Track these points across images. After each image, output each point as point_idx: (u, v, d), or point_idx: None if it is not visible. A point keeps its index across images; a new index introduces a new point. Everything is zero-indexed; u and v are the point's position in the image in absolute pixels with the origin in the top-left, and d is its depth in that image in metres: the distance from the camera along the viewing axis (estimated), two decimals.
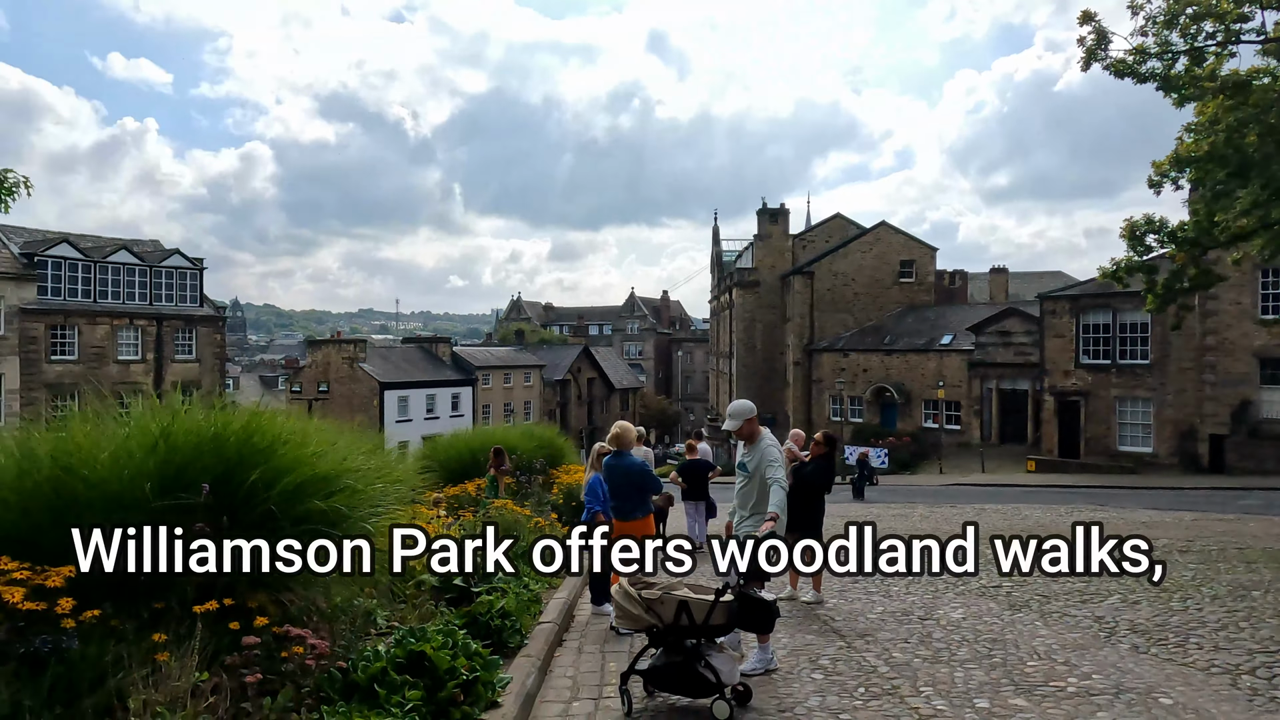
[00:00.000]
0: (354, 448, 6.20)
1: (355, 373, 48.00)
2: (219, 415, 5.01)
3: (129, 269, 36.67)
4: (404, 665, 4.43)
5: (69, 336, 34.60)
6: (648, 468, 6.91)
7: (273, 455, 4.82)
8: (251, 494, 4.66)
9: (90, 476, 4.40)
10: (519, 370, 57.33)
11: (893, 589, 8.68)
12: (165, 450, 4.62)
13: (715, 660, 5.03)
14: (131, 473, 4.46)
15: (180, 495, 4.41)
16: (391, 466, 7.97)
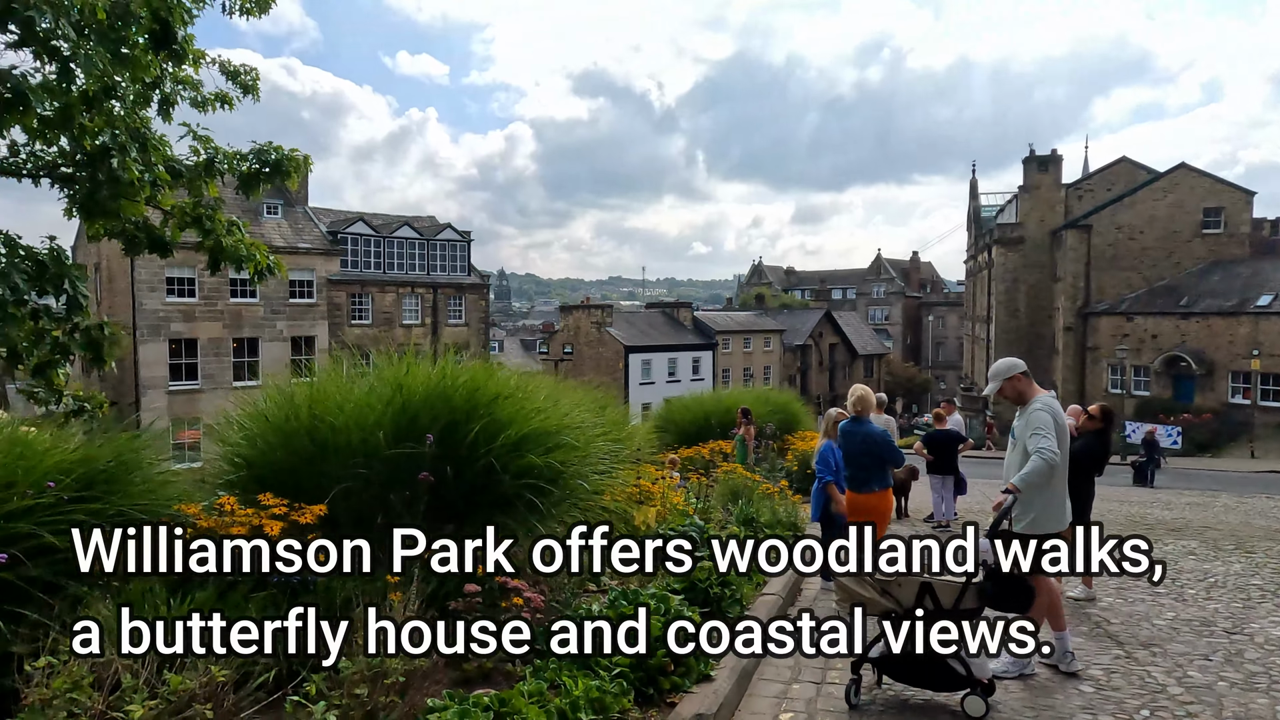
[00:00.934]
0: (579, 405, 6.24)
1: (602, 336, 50.35)
2: (447, 369, 5.18)
3: (410, 242, 41.02)
4: (616, 627, 4.31)
5: (364, 303, 39.53)
6: (889, 436, 6.29)
7: (495, 408, 4.89)
8: (474, 446, 4.77)
9: (336, 424, 4.72)
10: (759, 335, 56.97)
11: (1187, 592, 7.31)
12: (399, 403, 4.85)
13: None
14: (370, 422, 4.72)
15: (408, 445, 4.61)
16: (618, 425, 8.05)
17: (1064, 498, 5.01)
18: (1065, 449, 4.92)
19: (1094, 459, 6.82)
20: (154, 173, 7.44)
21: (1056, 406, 5.05)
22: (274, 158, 8.90)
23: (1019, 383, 5.12)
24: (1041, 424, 4.86)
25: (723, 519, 9.14)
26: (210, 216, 8.50)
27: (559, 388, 6.94)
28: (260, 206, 37.75)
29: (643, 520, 7.23)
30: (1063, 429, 4.99)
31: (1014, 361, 5.23)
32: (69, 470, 3.76)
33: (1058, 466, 4.80)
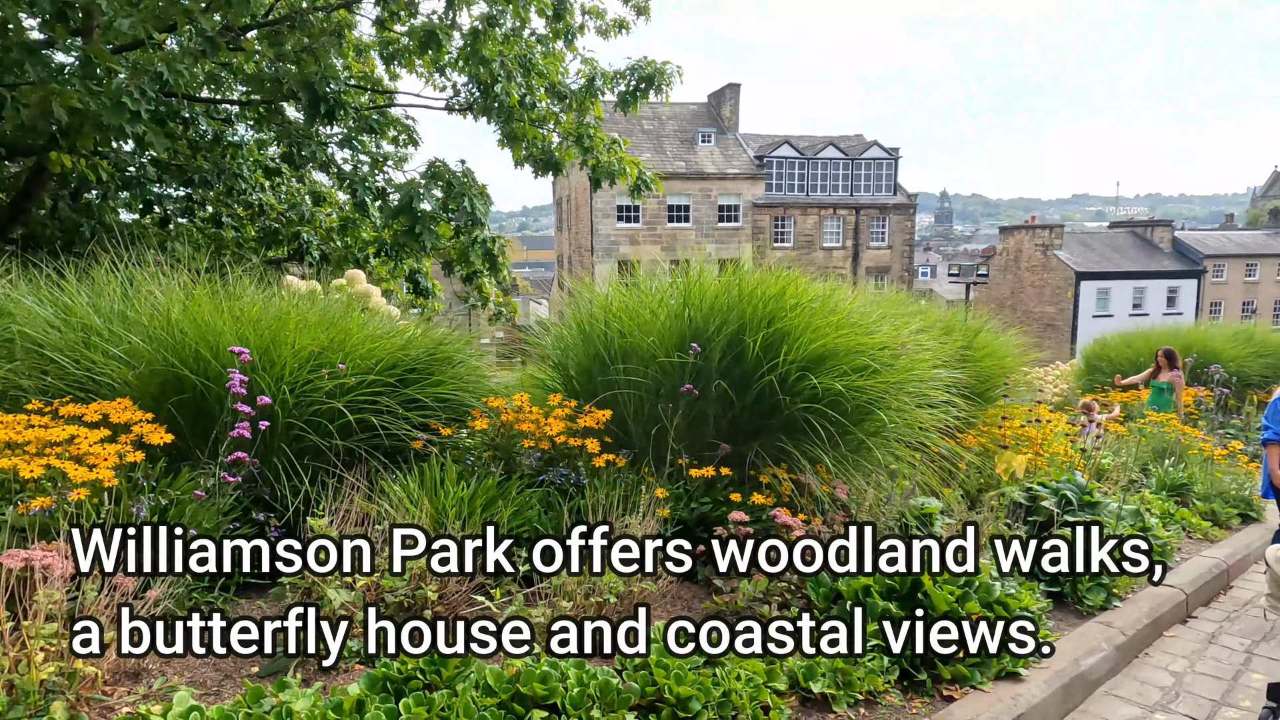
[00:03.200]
0: (909, 323, 5.31)
1: (1048, 261, 44.30)
2: (734, 276, 4.68)
3: (834, 163, 40.22)
4: (897, 592, 3.55)
5: (787, 226, 40.08)
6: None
7: (782, 321, 4.30)
8: (758, 362, 4.26)
9: (625, 330, 4.58)
10: (1270, 260, 44.97)
11: None
12: (685, 314, 4.52)
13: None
14: (657, 333, 4.49)
15: (683, 355, 4.29)
16: (989, 352, 6.76)
17: None
18: None
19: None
20: (535, 96, 8.00)
21: None
22: (648, 72, 9.05)
23: None
24: None
25: (1138, 481, 7.27)
26: (590, 135, 8.97)
27: (897, 305, 6.01)
28: (695, 135, 40.16)
29: (1005, 468, 6.00)
30: None
31: None
32: (381, 358, 4.17)
33: None
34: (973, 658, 3.35)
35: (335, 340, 4.07)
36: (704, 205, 38.89)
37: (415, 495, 3.78)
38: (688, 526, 4.18)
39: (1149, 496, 6.60)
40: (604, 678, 2.77)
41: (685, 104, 43.27)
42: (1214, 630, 4.52)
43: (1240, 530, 6.39)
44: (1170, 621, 4.50)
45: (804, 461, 4.24)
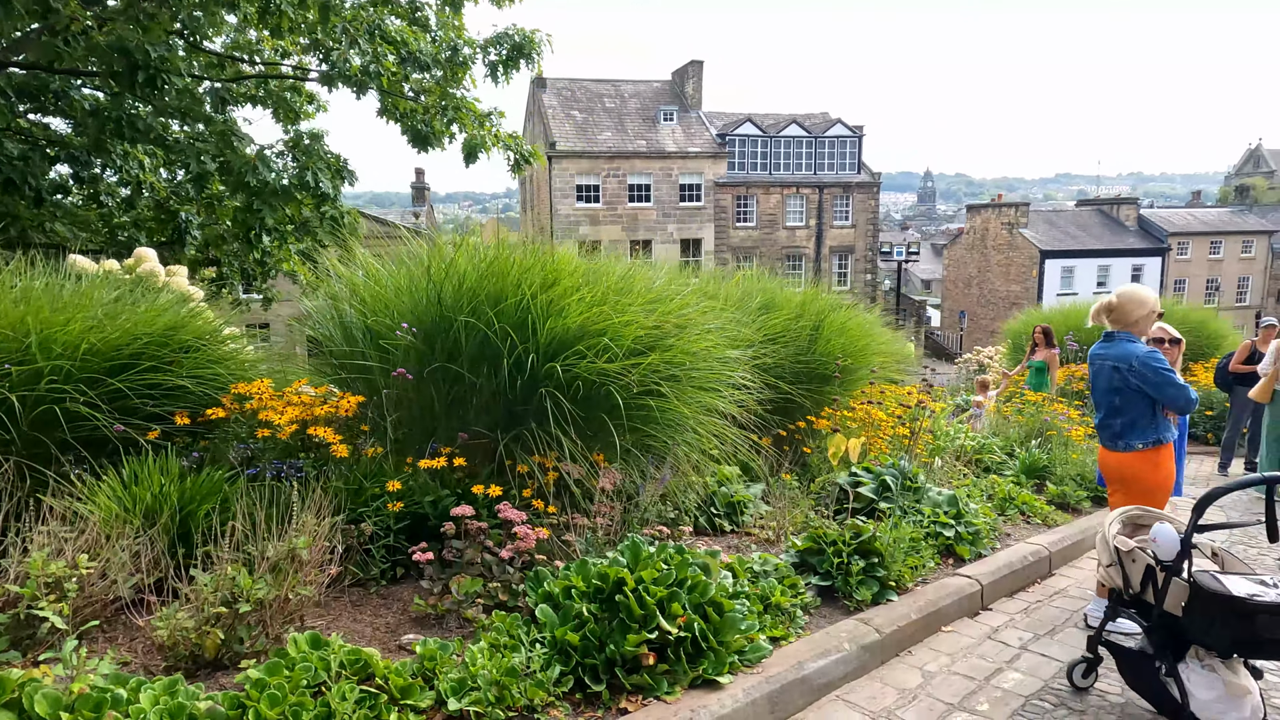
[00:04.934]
0: (706, 300, 5.01)
1: (1014, 239, 44.18)
2: (493, 252, 4.34)
3: (797, 141, 39.80)
4: (602, 592, 3.25)
5: (749, 206, 39.69)
6: (1154, 361, 3.87)
7: (532, 297, 3.97)
8: (509, 345, 3.95)
9: (371, 313, 4.25)
10: (1233, 237, 45.04)
11: None
12: (433, 294, 4.19)
13: (1190, 673, 2.69)
14: (406, 315, 4.16)
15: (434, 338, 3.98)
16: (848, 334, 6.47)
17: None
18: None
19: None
20: (382, 64, 7.59)
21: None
22: (517, 40, 8.66)
23: None
24: None
25: (1001, 463, 7.05)
26: (455, 107, 8.58)
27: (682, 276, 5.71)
28: (658, 113, 39.62)
29: (835, 452, 5.74)
30: None
31: None
32: (95, 342, 3.82)
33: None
34: (666, 665, 3.07)
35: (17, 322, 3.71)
36: (665, 184, 38.44)
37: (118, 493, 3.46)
38: (422, 520, 3.88)
39: (998, 480, 6.37)
40: (185, 700, 2.47)
41: (648, 81, 42.72)
42: (1002, 624, 4.27)
43: (1088, 515, 6.17)
44: (955, 615, 4.24)
45: (573, 450, 3.94)
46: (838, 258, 40.75)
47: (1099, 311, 4.08)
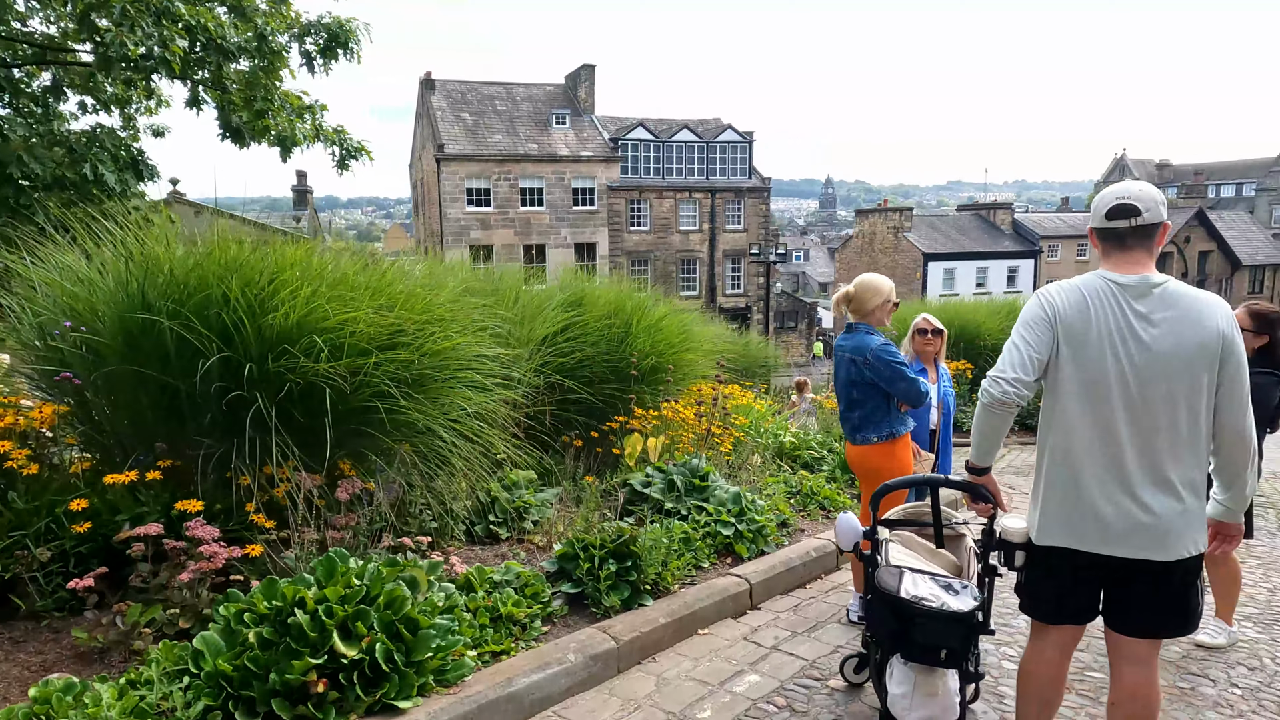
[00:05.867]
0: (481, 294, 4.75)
1: (899, 243, 45.77)
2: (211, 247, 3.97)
3: (689, 146, 40.14)
4: (278, 614, 2.94)
5: (643, 209, 39.78)
6: (888, 354, 3.84)
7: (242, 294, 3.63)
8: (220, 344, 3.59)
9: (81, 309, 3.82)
10: None
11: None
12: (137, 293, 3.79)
13: (894, 668, 2.72)
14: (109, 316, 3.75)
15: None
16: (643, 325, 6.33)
17: (1091, 482, 2.51)
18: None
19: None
20: (172, 49, 7.05)
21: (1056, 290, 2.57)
22: (333, 29, 8.23)
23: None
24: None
25: (820, 459, 7.05)
26: (262, 96, 8.08)
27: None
28: (550, 117, 39.26)
29: (630, 452, 5.58)
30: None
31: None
32: None
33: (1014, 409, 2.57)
34: (339, 692, 2.79)
35: None
36: (558, 188, 38.12)
37: None
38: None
39: (807, 476, 6.35)
40: None
41: (541, 84, 42.33)
42: (765, 623, 4.17)
43: None
44: (715, 617, 4.12)
45: (306, 459, 3.61)
46: (731, 261, 41.28)
47: (839, 302, 4.03)
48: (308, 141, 8.31)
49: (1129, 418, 2.40)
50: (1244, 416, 2.39)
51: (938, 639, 2.51)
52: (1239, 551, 5.71)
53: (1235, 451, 2.43)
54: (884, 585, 2.62)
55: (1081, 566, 2.50)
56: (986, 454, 2.72)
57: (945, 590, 2.62)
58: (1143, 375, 2.38)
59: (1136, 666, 2.52)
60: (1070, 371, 2.48)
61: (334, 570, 3.13)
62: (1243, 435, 2.40)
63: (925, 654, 2.55)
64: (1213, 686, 3.63)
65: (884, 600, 2.62)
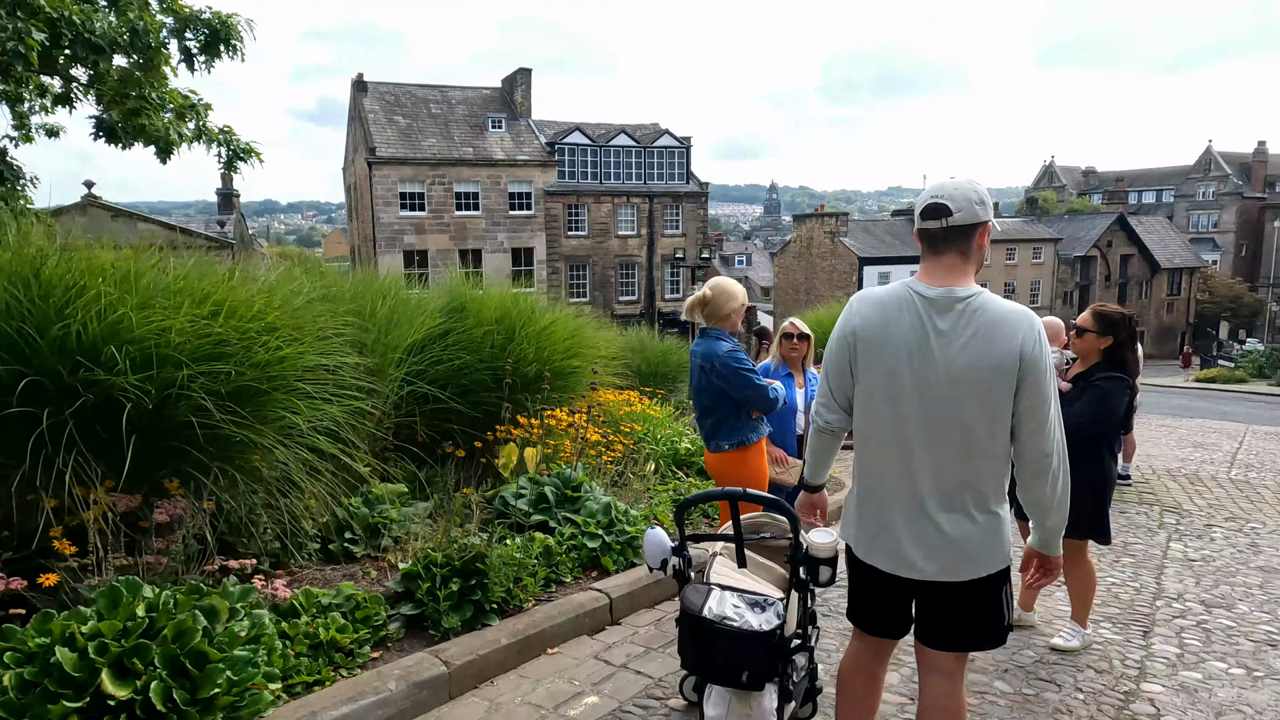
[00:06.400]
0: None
1: (836, 248, 46.43)
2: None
3: (626, 151, 40.11)
4: (48, 652, 2.69)
5: (581, 214, 39.59)
6: (735, 361, 3.75)
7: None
8: None
9: None
10: (1025, 244, 49.28)
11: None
12: None
13: (713, 688, 2.63)
14: None
15: None
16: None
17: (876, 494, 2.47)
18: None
19: (1100, 413, 3.71)
20: (28, 41, 6.64)
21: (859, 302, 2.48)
22: (214, 25, 7.88)
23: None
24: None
25: None
26: (140, 96, 7.69)
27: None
28: (486, 121, 38.82)
29: (504, 462, 5.41)
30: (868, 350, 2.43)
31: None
32: None
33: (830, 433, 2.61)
34: None
35: None
36: (494, 193, 37.70)
37: None
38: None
39: (698, 483, 6.26)
40: None
41: (477, 88, 41.90)
42: (621, 639, 4.03)
43: None
44: (569, 634, 3.96)
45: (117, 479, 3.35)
46: (670, 266, 41.34)
47: (692, 307, 3.92)
48: (187, 142, 7.93)
49: (925, 439, 2.28)
50: (1045, 441, 2.24)
51: (737, 659, 2.40)
52: (1106, 550, 5.79)
53: (1039, 479, 2.28)
54: (687, 604, 2.50)
55: (887, 584, 2.43)
56: (816, 471, 2.73)
57: (751, 608, 2.50)
58: (938, 395, 2.26)
59: (940, 678, 2.45)
60: (868, 389, 2.40)
61: (119, 601, 2.89)
62: (1043, 461, 2.26)
63: (725, 675, 2.44)
64: (1057, 692, 3.61)
65: (684, 619, 2.50)
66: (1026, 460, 2.28)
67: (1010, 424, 2.25)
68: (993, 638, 2.43)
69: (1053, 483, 2.29)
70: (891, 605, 2.46)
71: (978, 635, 2.42)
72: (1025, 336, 2.21)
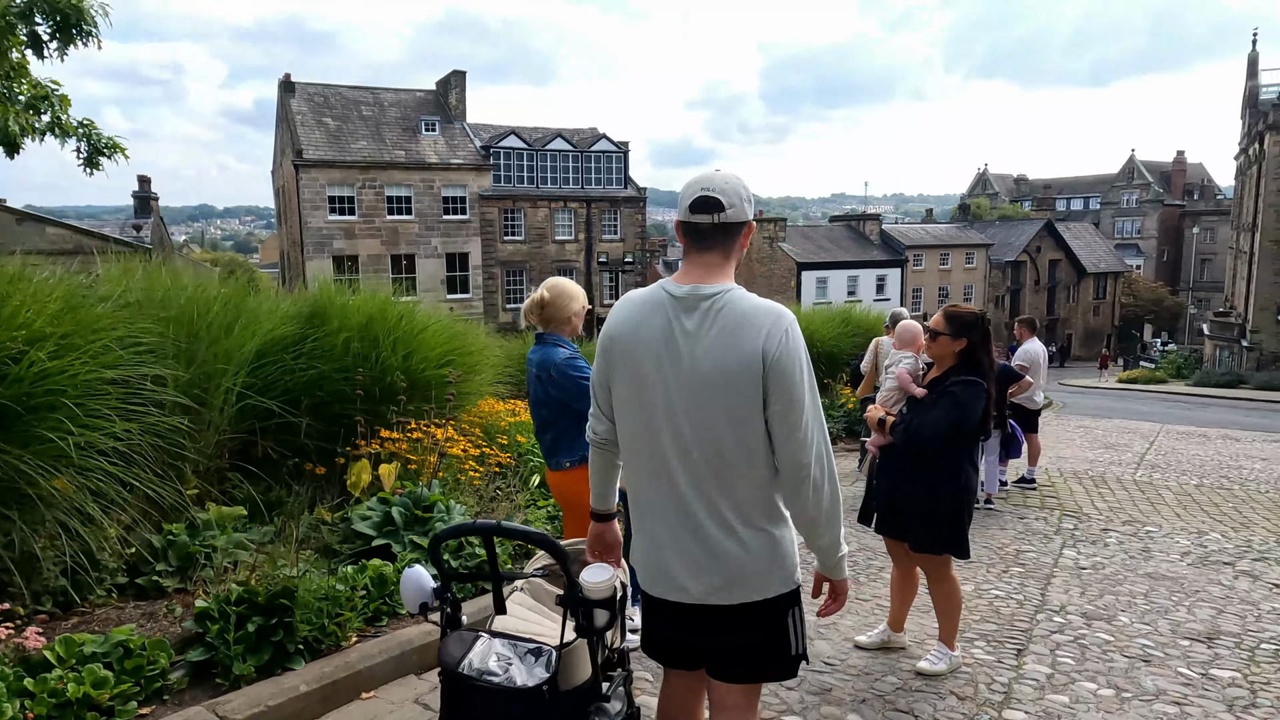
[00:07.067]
0: None
1: (774, 253, 46.69)
2: None
3: (562, 155, 39.71)
4: None
5: (517, 219, 39.03)
6: (573, 369, 3.43)
7: None
8: None
9: None
10: (958, 249, 50.26)
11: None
12: None
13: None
14: None
15: None
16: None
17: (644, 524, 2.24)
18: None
19: (955, 422, 3.46)
20: None
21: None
22: (65, 9, 7.29)
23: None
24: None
25: None
26: None
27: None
28: (419, 123, 38.01)
29: (354, 481, 4.98)
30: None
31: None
32: None
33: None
34: None
35: None
36: (427, 197, 36.91)
37: None
38: None
39: None
40: None
41: (410, 90, 41.08)
42: None
43: None
44: (392, 674, 3.57)
45: None
46: (608, 272, 41.03)
47: (531, 310, 3.57)
48: (34, 135, 7.32)
49: (680, 448, 2.05)
50: (800, 449, 2.00)
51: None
52: (997, 559, 5.61)
53: (798, 492, 2.04)
54: (444, 657, 2.14)
55: (662, 609, 2.20)
56: (602, 496, 2.45)
57: (524, 659, 2.16)
58: (687, 401, 2.03)
59: (729, 714, 2.21)
60: (622, 396, 2.17)
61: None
62: (800, 472, 2.02)
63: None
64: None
65: (441, 674, 2.14)
66: (783, 471, 2.04)
67: (765, 431, 2.02)
68: (779, 668, 2.20)
69: (815, 496, 2.04)
70: (672, 632, 2.21)
71: (760, 665, 2.18)
72: (770, 334, 1.97)
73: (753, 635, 2.10)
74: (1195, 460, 10.81)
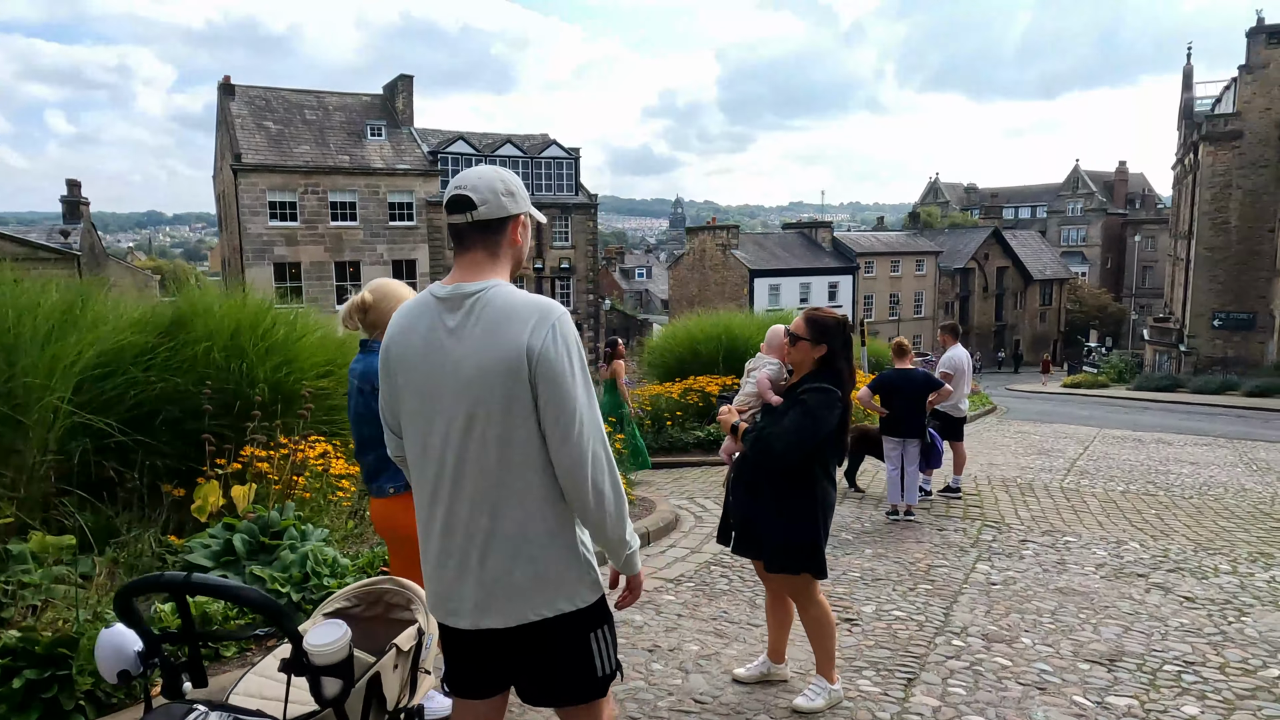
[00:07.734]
0: None
1: (728, 260, 46.70)
2: None
3: (512, 161, 39.18)
4: None
5: None
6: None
7: None
8: None
9: None
10: (909, 257, 50.80)
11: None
12: None
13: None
14: None
15: None
16: None
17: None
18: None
19: (804, 430, 3.15)
20: None
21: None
22: None
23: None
24: None
25: None
26: None
27: None
28: (364, 128, 37.25)
29: (199, 505, 4.53)
30: None
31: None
32: None
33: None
34: None
35: None
36: (373, 203, 36.14)
37: None
38: None
39: None
40: None
41: (356, 94, 40.29)
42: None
43: None
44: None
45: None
46: (559, 279, 40.62)
47: (351, 313, 3.19)
48: None
49: (454, 456, 1.90)
50: (573, 450, 1.85)
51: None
52: (907, 575, 5.31)
53: (578, 496, 1.89)
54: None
55: (457, 639, 2.00)
56: None
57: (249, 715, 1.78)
58: (457, 403, 1.88)
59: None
60: (398, 406, 2.03)
61: None
62: (578, 473, 1.86)
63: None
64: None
65: None
66: (560, 474, 1.89)
67: (540, 434, 1.87)
68: (583, 689, 1.98)
69: (597, 498, 1.89)
70: (466, 661, 2.01)
71: (562, 687, 1.98)
72: (535, 329, 1.84)
73: (550, 655, 1.95)
74: (1125, 465, 10.76)
